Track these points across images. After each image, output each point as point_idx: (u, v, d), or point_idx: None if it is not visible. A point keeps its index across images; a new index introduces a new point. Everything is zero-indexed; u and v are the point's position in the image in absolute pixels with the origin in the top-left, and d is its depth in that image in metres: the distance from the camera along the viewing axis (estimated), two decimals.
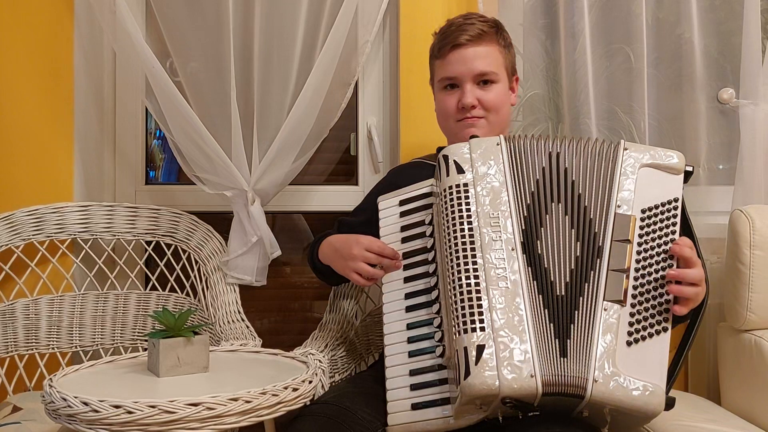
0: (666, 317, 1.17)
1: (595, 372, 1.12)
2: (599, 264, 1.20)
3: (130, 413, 1.06)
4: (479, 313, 1.16)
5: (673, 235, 1.22)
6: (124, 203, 1.90)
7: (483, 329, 1.15)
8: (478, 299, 1.17)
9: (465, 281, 1.19)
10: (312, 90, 1.76)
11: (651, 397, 1.12)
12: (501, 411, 1.17)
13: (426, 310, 1.29)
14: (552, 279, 1.20)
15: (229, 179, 1.77)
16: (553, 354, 1.15)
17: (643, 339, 1.16)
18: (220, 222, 1.92)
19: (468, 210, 1.24)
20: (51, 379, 1.20)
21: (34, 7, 1.87)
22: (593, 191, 1.25)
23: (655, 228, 1.22)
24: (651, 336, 1.16)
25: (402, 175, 1.59)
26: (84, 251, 1.86)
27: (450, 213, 1.25)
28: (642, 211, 1.23)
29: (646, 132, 1.86)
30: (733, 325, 1.71)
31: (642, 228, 1.22)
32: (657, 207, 1.24)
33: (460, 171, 1.28)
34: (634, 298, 1.18)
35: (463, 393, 1.13)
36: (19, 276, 1.81)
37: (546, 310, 1.18)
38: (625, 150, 1.28)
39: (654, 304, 1.18)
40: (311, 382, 1.24)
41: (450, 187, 1.27)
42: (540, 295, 1.19)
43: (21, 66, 1.87)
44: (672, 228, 1.22)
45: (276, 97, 1.78)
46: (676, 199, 1.24)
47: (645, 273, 1.19)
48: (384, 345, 1.31)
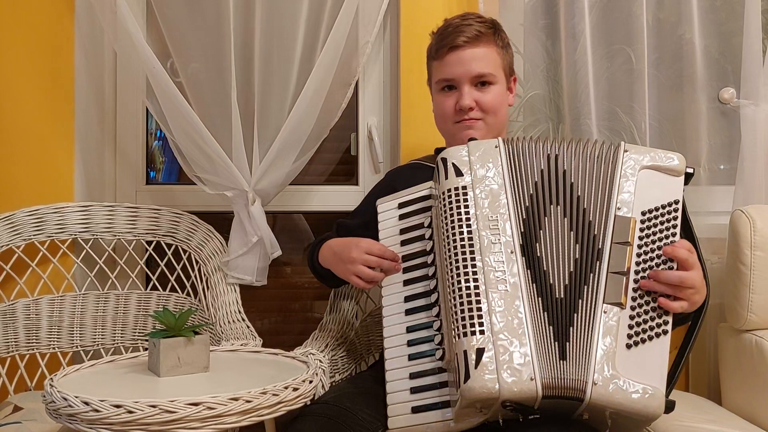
0: (666, 320, 1.17)
1: (595, 375, 1.12)
2: (599, 266, 1.19)
3: (130, 413, 1.06)
4: (479, 317, 1.16)
5: (674, 238, 1.21)
6: (124, 203, 1.90)
7: (482, 332, 1.15)
8: (477, 302, 1.17)
9: (464, 284, 1.18)
10: (312, 90, 1.76)
11: (650, 400, 1.11)
12: (501, 414, 1.17)
13: (426, 313, 1.29)
14: (551, 282, 1.20)
15: (230, 179, 1.77)
16: (553, 357, 1.15)
17: (643, 341, 1.15)
18: (220, 222, 1.92)
19: (467, 213, 1.24)
20: (52, 379, 1.21)
21: (34, 7, 1.87)
22: (593, 193, 1.24)
23: (656, 230, 1.21)
24: (651, 338, 1.16)
25: (400, 177, 1.59)
26: (85, 251, 1.86)
27: (449, 216, 1.25)
28: (642, 213, 1.23)
29: (646, 132, 1.86)
30: (734, 326, 1.71)
31: (642, 230, 1.22)
32: (657, 209, 1.23)
33: (458, 174, 1.28)
34: (633, 300, 1.18)
35: (463, 396, 1.13)
36: (20, 276, 1.81)
37: (545, 312, 1.18)
38: (626, 152, 1.27)
39: (654, 306, 1.18)
40: (311, 381, 1.24)
41: (449, 190, 1.27)
42: (539, 298, 1.19)
43: (21, 66, 1.87)
44: (672, 230, 1.22)
45: (276, 98, 1.78)
46: (676, 201, 1.24)
47: (645, 275, 1.19)
48: (384, 348, 1.31)
